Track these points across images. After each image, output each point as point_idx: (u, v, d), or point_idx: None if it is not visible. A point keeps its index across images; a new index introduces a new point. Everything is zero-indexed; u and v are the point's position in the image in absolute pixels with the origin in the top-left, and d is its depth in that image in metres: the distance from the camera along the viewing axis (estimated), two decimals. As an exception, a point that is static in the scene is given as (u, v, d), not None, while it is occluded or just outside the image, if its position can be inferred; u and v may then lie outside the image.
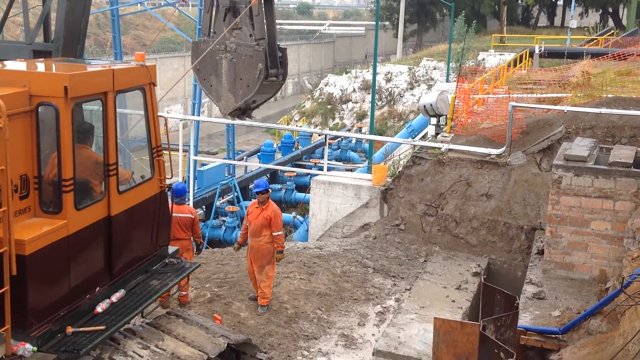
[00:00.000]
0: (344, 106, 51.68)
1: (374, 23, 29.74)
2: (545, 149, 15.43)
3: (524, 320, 9.55)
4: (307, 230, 18.01)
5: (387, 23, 74.88)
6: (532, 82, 24.43)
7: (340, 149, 36.36)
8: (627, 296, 7.32)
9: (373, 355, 10.26)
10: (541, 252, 12.00)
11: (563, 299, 10.38)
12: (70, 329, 6.71)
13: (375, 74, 29.22)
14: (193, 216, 10.86)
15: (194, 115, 26.87)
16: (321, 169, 19.57)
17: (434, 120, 18.30)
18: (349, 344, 10.58)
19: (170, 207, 8.82)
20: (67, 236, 6.64)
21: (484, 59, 45.31)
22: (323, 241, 15.65)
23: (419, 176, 15.57)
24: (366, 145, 33.49)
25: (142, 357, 7.39)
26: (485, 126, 17.29)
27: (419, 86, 48.18)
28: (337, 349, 10.43)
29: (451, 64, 43.66)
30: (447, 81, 40.93)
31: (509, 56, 38.67)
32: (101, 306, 7.17)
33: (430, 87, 43.20)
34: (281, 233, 10.70)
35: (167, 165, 8.30)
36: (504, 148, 15.34)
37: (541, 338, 9.10)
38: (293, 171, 28.64)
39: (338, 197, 16.36)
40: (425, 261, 13.89)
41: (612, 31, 51.57)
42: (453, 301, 12.06)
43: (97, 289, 7.22)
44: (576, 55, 33.49)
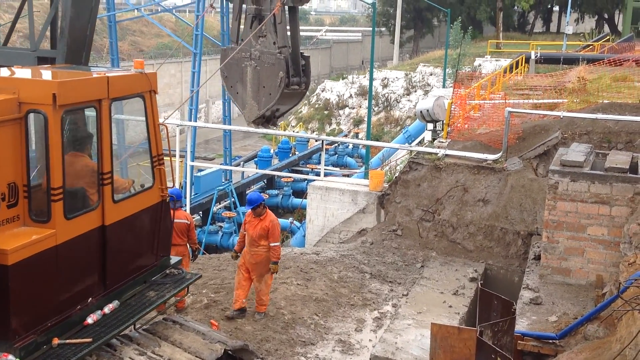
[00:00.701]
0: (341, 112, 51.75)
1: (371, 29, 29.80)
2: (541, 155, 15.47)
3: (521, 325, 9.56)
4: (304, 235, 18.00)
5: (384, 29, 75.08)
6: (528, 88, 24.52)
7: (337, 155, 36.41)
8: (624, 301, 7.32)
9: (370, 360, 10.25)
10: (538, 258, 12.02)
11: (560, 304, 10.38)
12: (56, 341, 6.54)
13: (371, 80, 29.25)
14: (189, 222, 10.82)
15: (191, 121, 26.86)
16: (318, 175, 19.59)
17: (431, 125, 18.36)
18: (346, 350, 10.57)
19: (172, 216, 8.64)
20: (56, 246, 6.49)
21: (480, 65, 45.44)
22: (320, 247, 15.64)
23: (416, 182, 15.58)
24: (363, 150, 33.50)
25: (139, 364, 7.36)
26: (481, 132, 17.34)
27: (416, 92, 48.27)
28: (334, 355, 10.41)
29: (447, 70, 43.76)
30: (444, 87, 41.03)
31: (505, 62, 38.77)
32: (92, 317, 7.01)
33: (426, 93, 43.30)
34: (278, 244, 10.51)
35: (167, 170, 8.24)
36: (501, 153, 15.37)
37: (538, 343, 9.11)
38: (290, 177, 28.67)
39: (335, 203, 16.37)
40: (422, 266, 13.89)
41: (608, 37, 51.78)
42: (450, 306, 12.05)
43: (90, 300, 7.06)
44: (572, 61, 33.64)
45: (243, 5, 9.56)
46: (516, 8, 71.24)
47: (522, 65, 33.86)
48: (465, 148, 16.13)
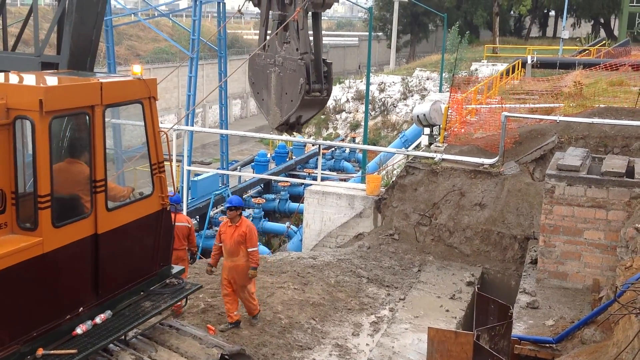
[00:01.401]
0: (338, 116, 51.77)
1: (367, 34, 29.86)
2: (538, 159, 15.50)
3: (518, 329, 9.56)
4: (301, 240, 17.99)
5: (381, 34, 75.29)
6: (525, 92, 24.57)
7: (334, 159, 36.41)
8: (621, 305, 7.33)
9: (367, 365, 10.24)
10: (535, 262, 12.02)
11: (557, 308, 10.39)
12: (41, 351, 6.36)
13: (368, 84, 29.33)
14: (189, 225, 10.75)
15: (188, 125, 26.86)
16: (315, 179, 19.58)
17: (428, 130, 18.35)
18: (343, 354, 10.55)
19: (173, 224, 8.42)
20: (43, 254, 6.34)
21: (477, 69, 45.54)
22: (317, 251, 15.63)
23: (413, 186, 15.60)
24: (360, 155, 33.55)
25: (136, 368, 7.34)
26: (478, 136, 17.36)
27: (412, 96, 48.34)
28: (331, 359, 10.40)
29: (444, 74, 43.86)
30: (440, 91, 41.11)
31: (502, 66, 38.88)
32: (81, 327, 6.84)
33: (423, 97, 43.40)
34: (256, 249, 10.24)
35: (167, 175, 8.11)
36: (497, 158, 15.40)
37: (535, 347, 9.10)
38: (287, 181, 28.66)
39: (332, 207, 16.37)
40: (419, 271, 13.88)
41: (604, 42, 51.88)
42: (447, 311, 12.05)
43: (81, 309, 6.91)
44: (568, 65, 33.69)
45: (270, 11, 9.49)
46: (513, 13, 71.51)
47: (519, 69, 33.94)
48: (462, 152, 16.15)
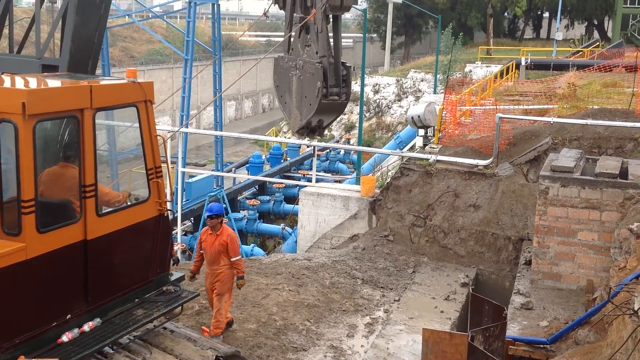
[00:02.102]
0: (332, 118, 51.62)
1: (362, 35, 29.89)
2: (532, 160, 15.53)
3: (512, 330, 9.58)
4: (296, 241, 18.00)
5: (375, 35, 75.32)
6: (519, 94, 24.65)
7: (328, 161, 36.45)
8: (615, 306, 7.35)
9: (362, 366, 10.24)
10: (529, 263, 12.05)
11: (551, 309, 10.41)
12: (22, 359, 6.15)
13: (363, 86, 29.36)
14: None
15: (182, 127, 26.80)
16: (310, 181, 19.60)
17: (422, 131, 18.40)
18: (338, 356, 10.55)
19: (171, 231, 8.20)
20: (26, 260, 6.18)
21: (471, 71, 45.63)
22: (312, 252, 15.63)
23: (407, 187, 15.61)
24: (354, 156, 33.57)
25: (130, 371, 7.32)
26: (472, 137, 17.40)
27: (407, 98, 48.41)
28: (326, 361, 10.41)
29: (438, 76, 43.93)
30: (435, 93, 41.17)
31: (496, 68, 38.99)
32: (67, 335, 6.64)
33: (417, 99, 43.45)
34: (240, 258, 10.10)
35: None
36: (492, 159, 15.43)
37: (529, 348, 9.13)
38: (282, 183, 28.69)
39: (327, 209, 16.37)
40: (413, 272, 13.90)
41: (598, 43, 52.08)
42: (442, 312, 12.07)
43: (69, 317, 6.73)
44: (562, 67, 33.84)
45: (294, 14, 9.42)
46: (507, 14, 71.66)
47: (513, 71, 34.04)
48: (456, 154, 16.17)
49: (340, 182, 24.28)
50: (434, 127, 17.95)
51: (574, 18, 73.93)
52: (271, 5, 10.13)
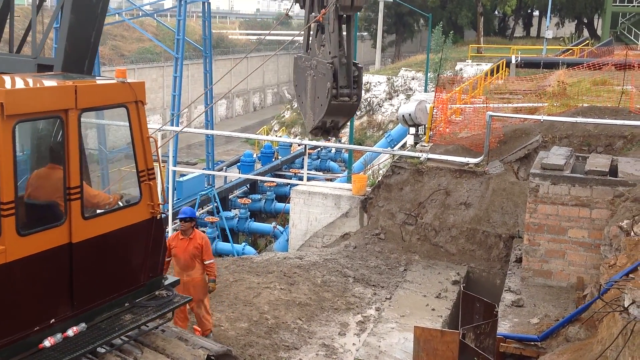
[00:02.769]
0: (323, 116, 51.62)
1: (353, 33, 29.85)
2: (522, 158, 15.59)
3: (503, 327, 9.61)
4: (288, 240, 17.99)
5: (366, 34, 75.35)
6: (509, 92, 24.71)
7: (319, 159, 36.43)
8: (605, 303, 7.39)
9: (354, 364, 10.26)
10: (519, 260, 12.10)
11: (541, 307, 10.46)
12: None
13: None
14: None
15: (173, 125, 26.78)
16: (301, 179, 19.59)
17: (413, 129, 18.41)
18: (330, 354, 10.56)
19: (164, 234, 8.02)
20: (6, 264, 6.03)
21: (462, 69, 45.72)
22: (303, 251, 15.63)
23: (399, 185, 15.64)
24: (346, 155, 33.59)
25: (121, 370, 7.28)
26: (463, 135, 17.44)
27: (398, 96, 48.45)
28: (318, 359, 10.41)
29: (429, 74, 43.98)
30: (426, 91, 41.22)
31: (486, 66, 39.07)
32: (49, 340, 6.48)
33: (408, 97, 43.51)
34: (213, 261, 10.00)
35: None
36: (482, 157, 15.47)
37: (520, 345, 9.16)
38: (273, 181, 28.65)
39: (318, 207, 16.38)
40: (405, 270, 13.93)
41: (587, 41, 52.27)
42: (433, 310, 12.10)
43: (52, 321, 6.56)
44: (552, 65, 33.92)
45: (311, 14, 9.38)
46: (497, 13, 71.83)
47: (503, 69, 34.12)
48: (447, 152, 16.21)
49: (331, 181, 24.28)
50: (425, 126, 17.97)
51: (564, 16, 74.28)
52: (293, 4, 10.07)
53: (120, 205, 7.35)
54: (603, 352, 6.96)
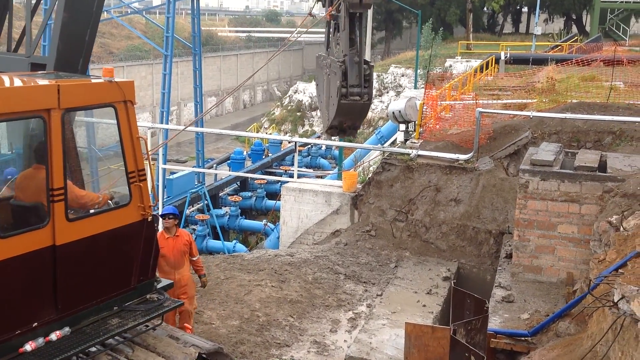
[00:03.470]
0: (314, 113, 51.77)
1: (342, 30, 29.80)
2: (512, 154, 15.63)
3: (494, 323, 9.65)
4: (278, 237, 17.98)
5: (355, 30, 75.19)
6: (498, 88, 24.78)
7: (310, 156, 36.45)
8: (595, 298, 7.43)
9: (345, 361, 10.27)
10: (509, 256, 12.14)
11: (532, 302, 10.50)
12: None
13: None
14: None
15: (163, 123, 26.68)
16: (291, 176, 19.56)
17: (403, 126, 18.43)
18: (321, 351, 10.57)
19: (155, 236, 7.89)
20: None
21: (451, 66, 45.84)
22: (294, 248, 15.63)
23: (389, 182, 15.65)
24: (336, 152, 33.60)
25: (112, 369, 7.26)
26: (453, 132, 17.47)
27: (388, 93, 48.52)
28: (310, 356, 10.41)
29: (419, 71, 44.03)
30: (415, 88, 41.25)
31: (476, 63, 39.17)
32: (30, 344, 6.34)
33: (398, 94, 43.52)
34: (199, 257, 10.02)
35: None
36: (472, 153, 15.50)
37: (511, 341, 9.20)
38: (263, 179, 28.63)
39: (308, 204, 16.37)
40: (396, 266, 13.95)
41: (576, 37, 52.53)
42: (424, 306, 12.12)
43: (35, 325, 6.44)
44: (541, 61, 34.09)
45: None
46: (486, 9, 72.00)
47: (492, 65, 34.23)
48: (437, 148, 16.23)
49: (322, 178, 24.27)
50: (415, 122, 17.99)
51: (553, 12, 74.52)
52: (315, 3, 10.03)
53: (109, 206, 7.21)
54: (593, 347, 7.00)
